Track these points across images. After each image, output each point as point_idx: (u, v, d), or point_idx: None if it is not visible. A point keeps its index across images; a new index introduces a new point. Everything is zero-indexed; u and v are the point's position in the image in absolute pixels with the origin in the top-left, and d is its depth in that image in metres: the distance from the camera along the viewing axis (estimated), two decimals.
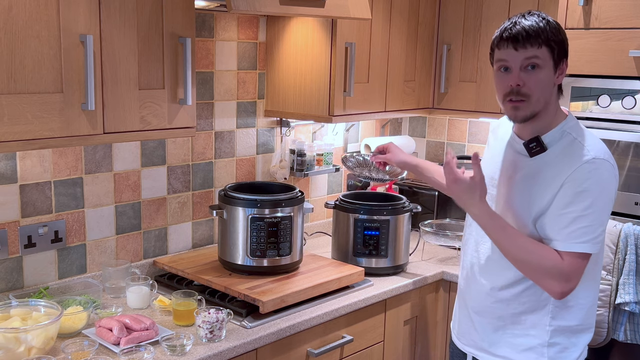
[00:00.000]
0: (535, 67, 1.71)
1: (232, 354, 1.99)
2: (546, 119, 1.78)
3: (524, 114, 1.75)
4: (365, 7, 2.45)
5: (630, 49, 2.29)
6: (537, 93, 1.72)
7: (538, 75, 1.71)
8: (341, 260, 2.65)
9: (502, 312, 1.87)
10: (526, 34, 1.69)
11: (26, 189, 2.16)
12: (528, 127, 1.81)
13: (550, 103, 1.78)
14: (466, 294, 1.99)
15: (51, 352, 1.86)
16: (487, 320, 1.91)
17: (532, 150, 1.78)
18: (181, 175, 2.59)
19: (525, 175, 1.81)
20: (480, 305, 1.92)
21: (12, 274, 2.17)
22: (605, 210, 1.74)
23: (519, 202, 1.81)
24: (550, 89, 1.75)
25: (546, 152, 1.77)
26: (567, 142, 1.76)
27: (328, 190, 3.19)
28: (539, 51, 1.70)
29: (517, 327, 1.86)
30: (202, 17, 2.54)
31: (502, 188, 1.87)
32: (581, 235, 1.70)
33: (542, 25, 1.70)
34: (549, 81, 1.74)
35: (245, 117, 2.77)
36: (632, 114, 2.32)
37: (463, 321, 2.01)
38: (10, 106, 1.69)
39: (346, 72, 2.62)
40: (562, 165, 1.73)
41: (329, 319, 2.29)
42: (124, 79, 1.92)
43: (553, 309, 1.82)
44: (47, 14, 1.73)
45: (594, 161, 1.70)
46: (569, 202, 1.70)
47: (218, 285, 2.27)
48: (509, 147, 1.89)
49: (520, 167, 1.82)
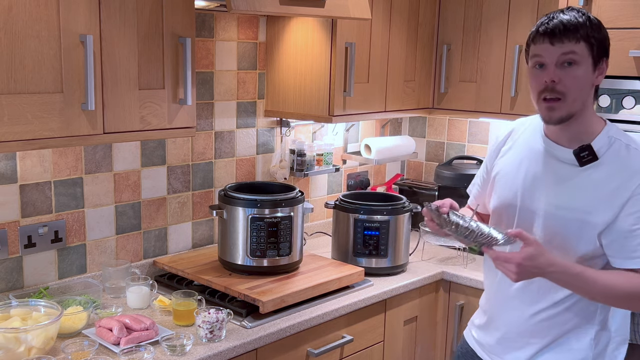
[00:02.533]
0: (572, 63, 1.59)
1: (232, 354, 1.99)
2: (584, 123, 1.66)
3: (560, 114, 1.62)
4: (365, 7, 2.45)
5: (630, 49, 2.29)
6: (573, 91, 1.60)
7: (575, 72, 1.59)
8: (341, 260, 2.65)
9: (550, 330, 1.75)
10: (564, 27, 1.57)
11: (26, 189, 2.16)
12: (565, 131, 1.68)
13: (588, 106, 1.65)
14: (498, 319, 1.85)
15: (51, 352, 1.86)
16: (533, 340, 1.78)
17: (583, 160, 1.64)
18: (181, 175, 2.59)
19: (576, 185, 1.67)
20: (519, 329, 1.79)
21: (12, 274, 2.17)
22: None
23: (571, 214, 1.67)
24: (588, 89, 1.63)
25: (598, 161, 1.64)
26: (621, 150, 1.65)
27: (328, 190, 3.19)
28: (577, 46, 1.58)
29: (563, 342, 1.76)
30: (202, 17, 2.54)
31: (538, 199, 1.72)
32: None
33: (581, 20, 1.59)
34: (586, 80, 1.61)
35: (245, 117, 2.77)
36: (632, 114, 2.32)
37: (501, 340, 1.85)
38: (10, 106, 1.69)
39: (346, 72, 2.62)
40: (626, 175, 1.62)
41: (329, 319, 2.29)
42: (124, 79, 1.92)
43: (599, 321, 1.73)
44: (47, 14, 1.73)
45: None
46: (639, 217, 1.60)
47: (218, 285, 2.27)
48: (543, 153, 1.73)
49: (568, 176, 1.68)
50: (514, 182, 1.78)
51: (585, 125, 1.67)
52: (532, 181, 1.74)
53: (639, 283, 1.62)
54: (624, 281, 1.62)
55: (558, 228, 1.69)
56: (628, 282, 1.62)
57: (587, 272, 1.62)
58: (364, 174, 3.37)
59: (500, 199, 1.82)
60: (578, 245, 1.68)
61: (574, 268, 1.63)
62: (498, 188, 1.83)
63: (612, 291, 1.62)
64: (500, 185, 1.82)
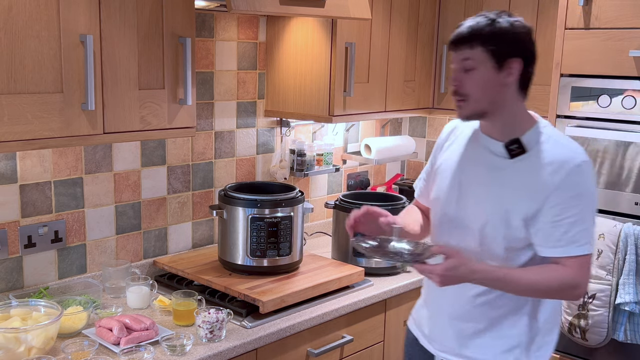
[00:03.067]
0: (470, 69, 1.70)
1: (232, 354, 1.99)
2: (509, 118, 1.75)
3: (465, 112, 1.76)
4: (365, 7, 2.45)
5: (630, 49, 2.29)
6: (475, 93, 1.71)
7: (473, 76, 1.70)
8: (341, 260, 2.65)
9: (482, 317, 1.84)
10: (461, 35, 1.71)
11: (26, 189, 2.16)
12: (493, 126, 1.78)
13: (505, 104, 1.74)
14: (442, 299, 1.90)
15: (51, 352, 1.86)
16: (466, 326, 1.86)
17: (512, 152, 1.75)
18: (181, 175, 2.59)
19: (506, 176, 1.76)
20: (459, 310, 1.86)
21: (12, 274, 2.17)
22: (595, 210, 1.76)
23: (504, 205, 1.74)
24: (496, 89, 1.71)
25: (527, 154, 1.74)
26: (549, 145, 1.73)
27: (328, 190, 3.19)
28: (472, 52, 1.69)
29: (496, 329, 1.83)
30: (202, 17, 2.54)
31: (473, 188, 1.81)
32: (581, 238, 1.70)
33: (482, 25, 1.70)
34: (489, 81, 1.70)
35: (245, 117, 2.77)
36: (632, 114, 2.32)
37: (437, 326, 1.93)
38: (10, 106, 1.69)
39: (346, 72, 2.62)
40: (552, 169, 1.70)
41: (329, 319, 2.29)
42: (124, 79, 1.92)
43: (530, 310, 1.81)
44: (47, 14, 1.73)
45: (582, 164, 1.70)
46: (564, 207, 1.69)
47: (218, 285, 2.27)
48: (479, 147, 1.84)
49: (499, 167, 1.78)
50: (452, 173, 1.87)
51: (511, 121, 1.76)
52: (468, 172, 1.84)
53: (558, 277, 1.70)
54: (546, 276, 1.72)
55: (488, 216, 1.77)
56: (549, 276, 1.71)
57: (510, 275, 1.72)
58: (364, 174, 3.37)
59: (439, 190, 1.91)
60: (506, 233, 1.75)
61: (496, 272, 1.72)
62: (438, 180, 1.92)
63: (536, 287, 1.73)
64: (440, 178, 1.91)
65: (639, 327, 2.30)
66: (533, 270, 1.74)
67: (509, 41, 1.70)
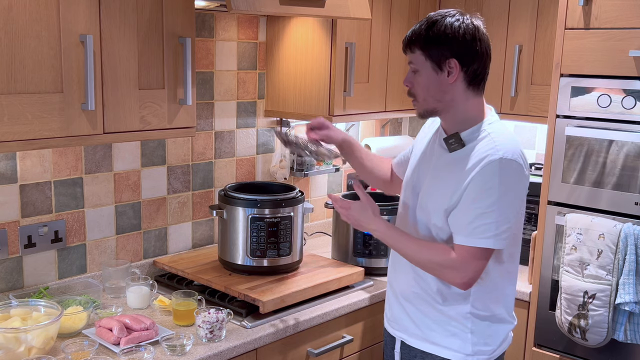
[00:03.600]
0: (415, 71, 1.82)
1: (232, 354, 1.99)
2: (457, 116, 1.83)
3: (418, 111, 1.87)
4: (365, 7, 2.45)
5: (630, 49, 2.28)
6: (421, 94, 1.82)
7: (417, 78, 1.82)
8: (341, 260, 2.65)
9: (427, 299, 1.90)
10: (405, 39, 1.83)
11: (26, 189, 2.16)
12: (444, 121, 1.88)
13: (455, 101, 1.81)
14: (393, 280, 2.03)
15: (51, 352, 1.86)
16: (415, 306, 1.93)
17: (451, 146, 1.84)
18: (181, 175, 2.59)
19: (443, 169, 1.86)
20: (407, 291, 1.95)
21: (12, 274, 2.17)
22: (512, 208, 1.78)
23: (436, 195, 1.85)
24: (441, 89, 1.80)
25: (464, 149, 1.81)
26: (484, 141, 1.79)
27: (328, 190, 3.19)
28: (413, 56, 1.81)
29: (441, 314, 1.89)
30: (202, 17, 2.54)
31: (425, 180, 1.91)
32: (484, 232, 1.74)
33: (422, 29, 1.79)
34: (432, 82, 1.79)
35: (245, 117, 2.77)
36: (632, 114, 2.32)
37: (394, 307, 2.02)
38: (10, 106, 1.69)
39: (346, 72, 2.62)
40: (472, 161, 1.77)
41: (329, 319, 2.29)
42: (124, 79, 1.92)
43: (472, 299, 1.86)
44: (47, 14, 1.73)
45: (501, 160, 1.73)
46: (474, 198, 1.75)
47: (218, 285, 2.27)
48: (436, 140, 1.94)
49: (441, 160, 1.87)
50: (414, 162, 2.00)
51: (460, 117, 1.84)
52: (422, 162, 1.96)
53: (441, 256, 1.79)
54: (431, 251, 1.82)
55: (424, 200, 1.89)
56: (434, 252, 1.82)
57: (401, 239, 1.87)
58: None
59: (406, 176, 2.04)
60: (434, 217, 1.86)
61: (392, 232, 1.89)
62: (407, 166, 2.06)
63: (418, 257, 1.84)
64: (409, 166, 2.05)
65: (639, 327, 2.30)
66: (423, 243, 1.85)
67: (442, 43, 1.77)
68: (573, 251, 2.38)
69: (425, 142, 1.99)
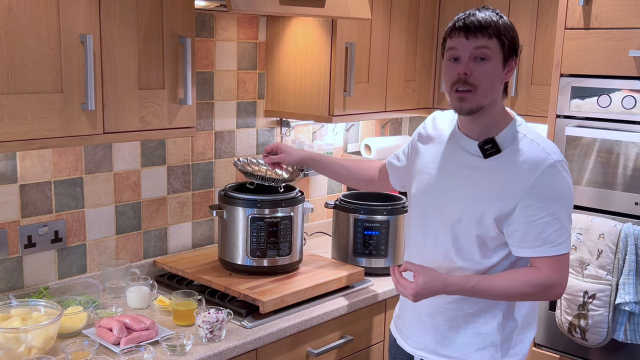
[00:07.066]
0: (484, 58, 1.69)
1: (232, 354, 1.99)
2: (492, 117, 1.76)
3: (470, 105, 1.72)
4: (365, 7, 2.45)
5: (630, 49, 2.29)
6: (484, 84, 1.69)
7: (486, 66, 1.69)
8: (341, 260, 2.65)
9: (456, 313, 1.85)
10: (478, 23, 1.69)
11: (26, 189, 2.16)
12: (475, 124, 1.78)
13: (497, 100, 1.75)
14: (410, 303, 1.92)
15: (51, 352, 1.86)
16: (441, 322, 1.87)
17: (486, 152, 1.75)
18: (181, 175, 2.59)
19: (480, 175, 1.77)
20: (433, 307, 1.87)
21: (12, 274, 2.17)
22: (571, 208, 1.76)
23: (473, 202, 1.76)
24: (497, 84, 1.73)
25: (501, 154, 1.75)
26: (523, 144, 1.74)
27: (328, 190, 3.20)
28: (490, 42, 1.68)
29: (471, 327, 1.84)
30: (202, 17, 2.54)
31: (449, 188, 1.82)
32: (557, 238, 1.71)
33: (495, 19, 1.70)
34: (496, 75, 1.71)
35: (245, 117, 2.77)
36: (632, 114, 2.32)
37: (412, 324, 1.95)
38: (10, 106, 1.69)
39: (346, 72, 2.62)
40: (525, 169, 1.71)
41: (329, 319, 2.29)
42: (124, 79, 1.92)
43: (505, 307, 1.83)
44: (47, 14, 1.73)
45: (556, 164, 1.70)
46: (539, 207, 1.69)
47: (218, 285, 2.27)
48: (454, 144, 1.85)
49: (472, 166, 1.79)
50: (431, 172, 1.88)
51: (493, 120, 1.77)
52: (445, 172, 1.85)
53: (531, 280, 1.73)
54: (518, 281, 1.74)
55: (462, 215, 1.78)
56: (522, 280, 1.73)
57: (482, 283, 1.74)
58: None
59: (418, 187, 1.92)
60: (479, 232, 1.77)
61: (469, 282, 1.74)
62: (419, 177, 1.92)
63: (510, 292, 1.75)
64: (421, 176, 1.92)
65: (639, 327, 2.30)
66: (505, 276, 1.76)
67: (514, 39, 1.73)
68: (573, 251, 2.38)
69: (440, 149, 1.89)
